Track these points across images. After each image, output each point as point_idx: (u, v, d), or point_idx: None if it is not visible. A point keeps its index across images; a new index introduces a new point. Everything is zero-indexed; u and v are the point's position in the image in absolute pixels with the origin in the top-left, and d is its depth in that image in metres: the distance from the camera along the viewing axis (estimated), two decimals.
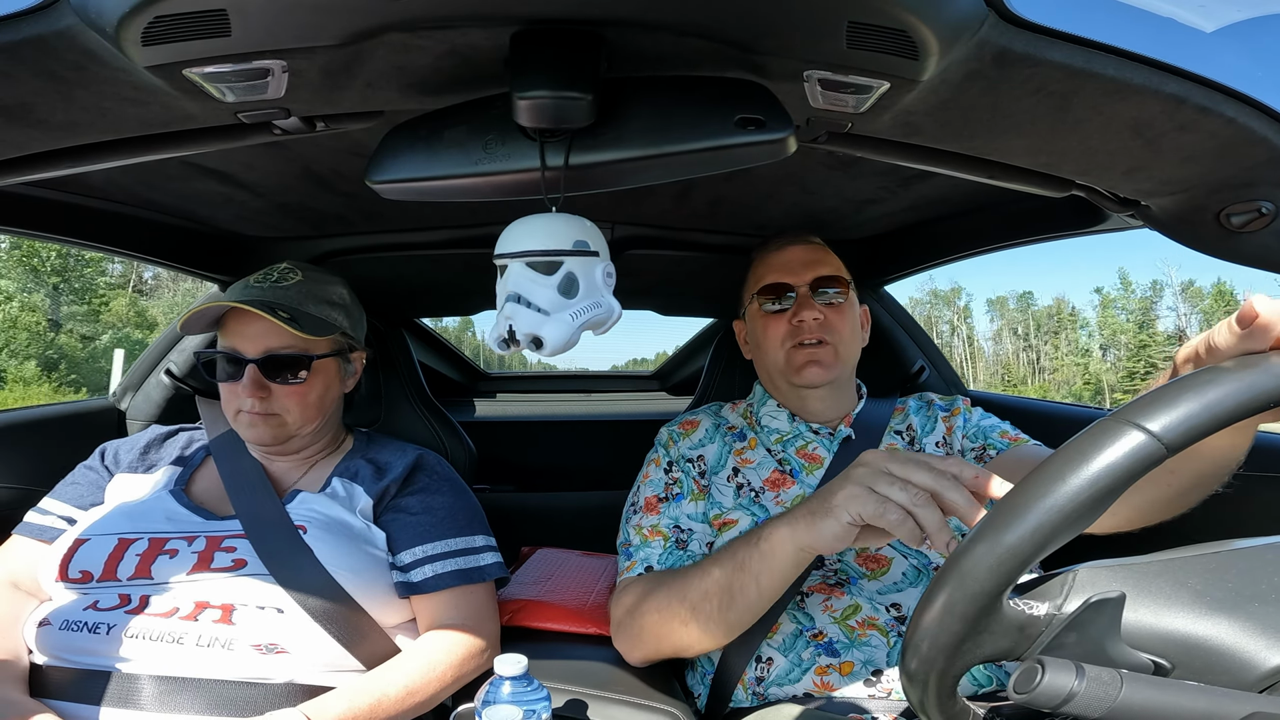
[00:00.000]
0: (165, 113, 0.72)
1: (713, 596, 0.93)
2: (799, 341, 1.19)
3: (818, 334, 1.19)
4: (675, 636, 0.99)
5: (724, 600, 0.92)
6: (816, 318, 1.19)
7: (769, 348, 1.23)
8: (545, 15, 0.63)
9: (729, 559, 0.92)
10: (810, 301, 1.20)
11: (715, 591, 0.93)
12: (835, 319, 1.21)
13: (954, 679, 0.51)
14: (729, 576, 0.91)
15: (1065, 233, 1.29)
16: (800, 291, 1.21)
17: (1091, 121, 0.71)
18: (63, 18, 0.57)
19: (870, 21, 0.58)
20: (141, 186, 1.24)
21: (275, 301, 1.13)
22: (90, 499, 1.15)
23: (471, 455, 1.54)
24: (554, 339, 0.72)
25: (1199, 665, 0.49)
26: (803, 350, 1.19)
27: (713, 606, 0.93)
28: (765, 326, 1.24)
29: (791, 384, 1.22)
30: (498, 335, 0.74)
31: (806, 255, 1.24)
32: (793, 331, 1.20)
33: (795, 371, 1.20)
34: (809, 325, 1.19)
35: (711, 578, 0.93)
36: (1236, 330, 0.52)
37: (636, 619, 1.03)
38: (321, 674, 1.00)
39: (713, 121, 0.69)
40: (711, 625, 0.94)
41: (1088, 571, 0.52)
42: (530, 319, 0.72)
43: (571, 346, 0.73)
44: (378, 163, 0.76)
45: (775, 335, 1.22)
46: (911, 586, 1.05)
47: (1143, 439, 0.45)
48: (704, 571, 0.96)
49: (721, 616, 0.93)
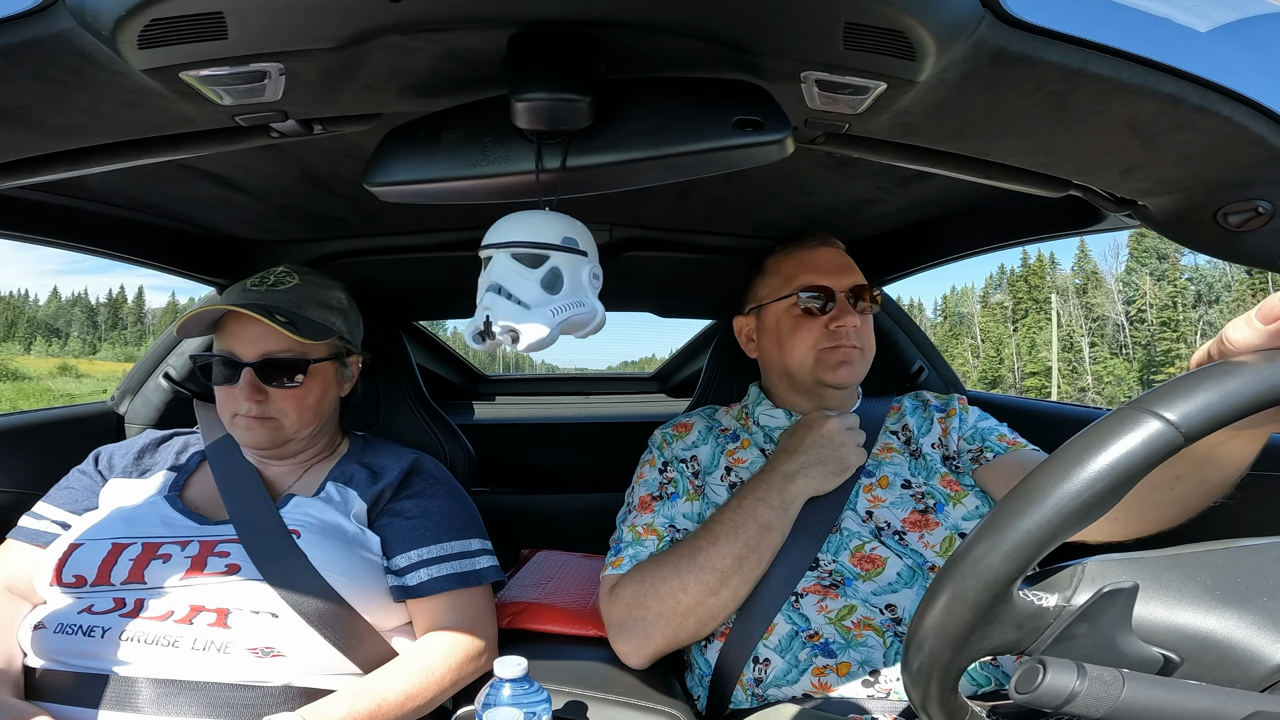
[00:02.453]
0: (162, 115, 0.72)
1: (745, 560, 1.04)
2: (835, 344, 1.21)
3: (853, 340, 1.21)
4: (701, 610, 1.03)
5: (754, 559, 1.04)
6: (855, 324, 1.21)
7: (796, 348, 1.24)
8: (543, 17, 0.63)
9: (749, 521, 1.05)
10: (849, 307, 1.22)
11: (745, 553, 1.04)
12: (865, 327, 1.24)
13: (958, 673, 0.51)
14: (756, 536, 1.04)
15: (1063, 232, 1.29)
16: (839, 297, 1.22)
17: (1088, 121, 0.71)
18: (59, 21, 0.57)
19: (867, 23, 0.58)
20: (139, 190, 1.23)
21: (272, 305, 1.13)
22: (84, 504, 1.15)
23: (470, 458, 1.54)
24: (531, 334, 0.71)
25: (1209, 659, 0.49)
26: (838, 350, 1.21)
27: (747, 567, 1.04)
28: (795, 328, 1.24)
29: (820, 381, 1.23)
30: (474, 327, 0.72)
31: (840, 259, 1.27)
32: (828, 335, 1.21)
33: (830, 369, 1.21)
34: (848, 331, 1.21)
35: (739, 540, 1.04)
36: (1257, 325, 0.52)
37: (643, 611, 1.04)
38: (319, 677, 0.99)
39: (711, 123, 0.69)
40: (743, 587, 1.05)
41: (1098, 564, 0.52)
42: (509, 311, 0.71)
43: (548, 345, 0.72)
44: (376, 165, 0.76)
45: (807, 337, 1.22)
46: (906, 587, 1.05)
47: (1160, 427, 0.45)
48: (718, 539, 1.05)
49: (751, 576, 1.05)
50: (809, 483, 1.08)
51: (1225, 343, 0.54)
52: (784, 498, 1.07)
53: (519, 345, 0.71)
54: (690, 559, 1.04)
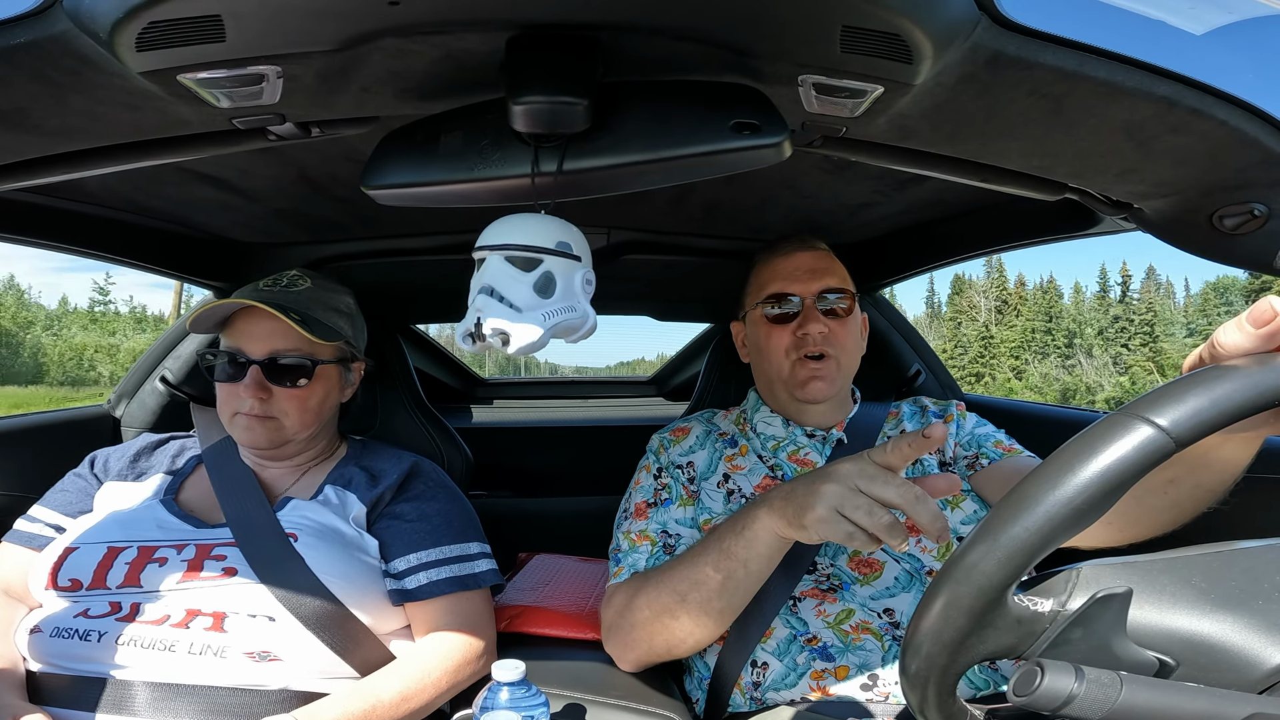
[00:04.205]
0: (160, 118, 0.72)
1: (701, 585, 0.95)
2: (803, 354, 1.19)
3: (821, 347, 1.18)
4: (667, 632, 0.99)
5: (712, 588, 0.94)
6: (822, 331, 1.18)
7: (771, 356, 1.23)
8: (541, 20, 0.63)
9: (714, 546, 0.94)
10: (816, 314, 1.19)
11: (703, 580, 0.95)
12: (839, 331, 1.20)
13: (955, 677, 0.51)
14: (716, 563, 0.94)
15: (1059, 235, 1.30)
16: (806, 303, 1.20)
17: (1084, 124, 0.72)
18: (57, 23, 0.57)
19: (864, 26, 0.58)
20: (136, 192, 1.23)
21: (286, 305, 1.14)
22: (79, 507, 1.14)
23: (468, 461, 1.54)
24: (522, 337, 0.70)
25: (1204, 663, 0.49)
26: (806, 365, 1.19)
27: (701, 595, 0.95)
28: (768, 335, 1.23)
29: (793, 397, 1.22)
30: (465, 329, 0.72)
31: (813, 263, 1.23)
32: (796, 343, 1.19)
33: (799, 386, 1.19)
34: (814, 338, 1.18)
35: (698, 567, 0.95)
36: (1249, 329, 0.52)
37: (627, 619, 1.04)
38: (316, 681, 0.99)
39: (708, 126, 0.69)
40: (701, 615, 0.96)
41: (1092, 568, 0.52)
42: (500, 313, 0.71)
43: (539, 349, 0.72)
44: (373, 168, 0.76)
45: (778, 345, 1.21)
46: (904, 591, 1.05)
47: (1151, 433, 0.45)
48: (690, 562, 0.97)
49: (710, 605, 0.95)
50: (771, 517, 0.88)
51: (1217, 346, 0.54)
52: (747, 525, 0.91)
53: (509, 348, 0.71)
54: (669, 576, 1.00)
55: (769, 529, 0.88)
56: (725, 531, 0.94)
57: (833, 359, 1.19)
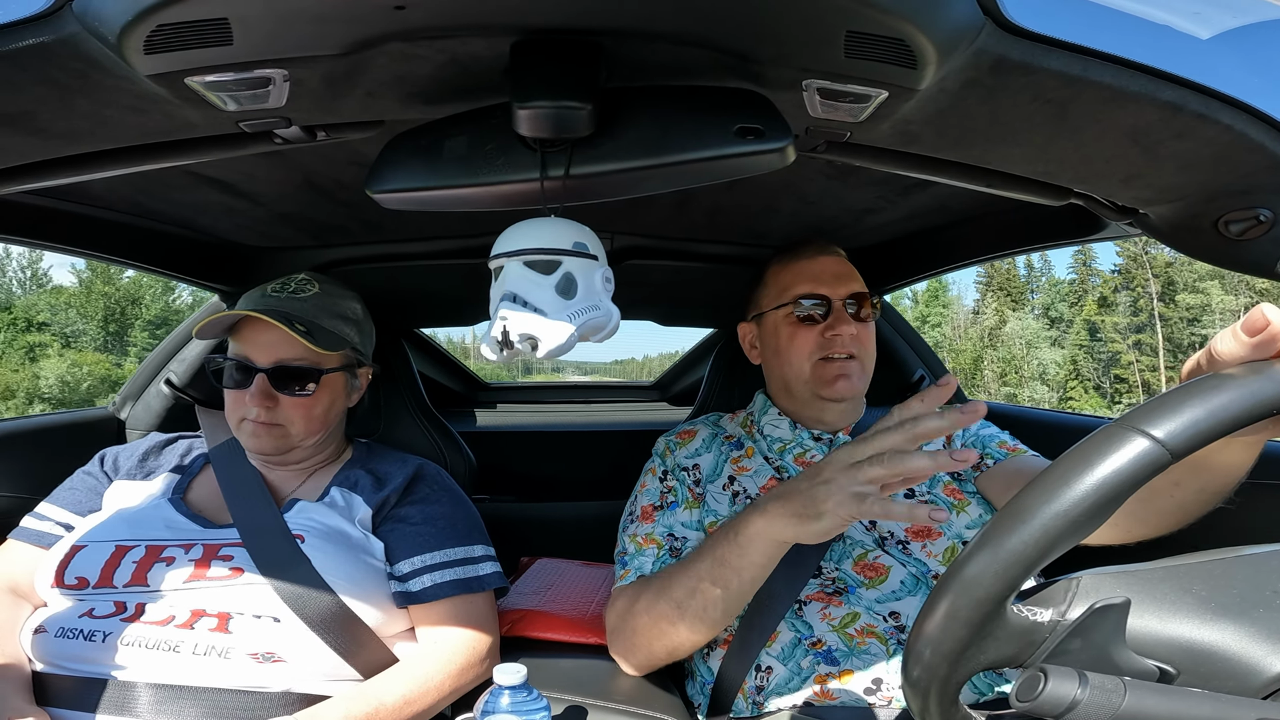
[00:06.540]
0: (166, 121, 0.72)
1: (697, 592, 0.96)
2: (829, 355, 1.20)
3: (849, 349, 1.20)
4: (666, 637, 1.00)
5: (708, 595, 0.95)
6: (853, 333, 1.19)
7: (794, 358, 1.23)
8: (545, 25, 0.63)
9: (709, 554, 0.95)
10: (845, 316, 1.20)
11: (699, 587, 0.96)
12: (864, 335, 1.22)
13: (956, 686, 0.51)
14: (710, 571, 0.94)
15: (1064, 241, 1.30)
16: (835, 305, 1.21)
17: (1089, 129, 0.72)
18: (65, 25, 0.57)
19: (868, 30, 0.58)
20: (142, 196, 1.24)
21: (291, 313, 1.14)
22: (88, 505, 1.15)
23: (471, 465, 1.54)
24: (551, 340, 0.71)
25: (1204, 671, 0.49)
26: (834, 364, 1.20)
27: (698, 602, 0.96)
28: (792, 336, 1.23)
29: (817, 395, 1.22)
30: (492, 338, 0.73)
31: (839, 268, 1.25)
32: (824, 344, 1.20)
33: (826, 384, 1.20)
34: (844, 339, 1.19)
35: (694, 574, 0.96)
36: (1243, 338, 0.52)
37: (628, 623, 1.04)
38: (319, 683, 0.99)
39: (712, 131, 0.69)
40: (698, 622, 0.97)
41: (1091, 578, 0.52)
42: (526, 319, 0.71)
43: (568, 350, 0.72)
44: (378, 172, 0.76)
45: (804, 346, 1.21)
46: (910, 595, 1.05)
47: (1147, 445, 0.45)
48: (686, 570, 0.98)
49: (707, 612, 0.96)
50: (768, 522, 0.87)
51: (1213, 354, 0.55)
52: (741, 532, 0.91)
53: (539, 352, 0.71)
54: (668, 582, 1.01)
55: (764, 534, 0.88)
56: (719, 539, 0.94)
57: (858, 361, 1.21)
